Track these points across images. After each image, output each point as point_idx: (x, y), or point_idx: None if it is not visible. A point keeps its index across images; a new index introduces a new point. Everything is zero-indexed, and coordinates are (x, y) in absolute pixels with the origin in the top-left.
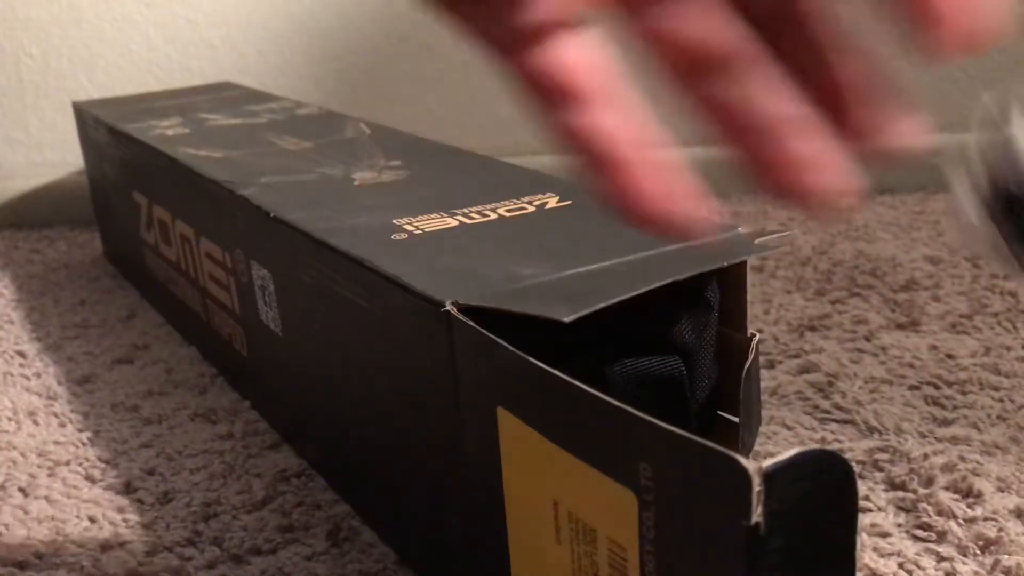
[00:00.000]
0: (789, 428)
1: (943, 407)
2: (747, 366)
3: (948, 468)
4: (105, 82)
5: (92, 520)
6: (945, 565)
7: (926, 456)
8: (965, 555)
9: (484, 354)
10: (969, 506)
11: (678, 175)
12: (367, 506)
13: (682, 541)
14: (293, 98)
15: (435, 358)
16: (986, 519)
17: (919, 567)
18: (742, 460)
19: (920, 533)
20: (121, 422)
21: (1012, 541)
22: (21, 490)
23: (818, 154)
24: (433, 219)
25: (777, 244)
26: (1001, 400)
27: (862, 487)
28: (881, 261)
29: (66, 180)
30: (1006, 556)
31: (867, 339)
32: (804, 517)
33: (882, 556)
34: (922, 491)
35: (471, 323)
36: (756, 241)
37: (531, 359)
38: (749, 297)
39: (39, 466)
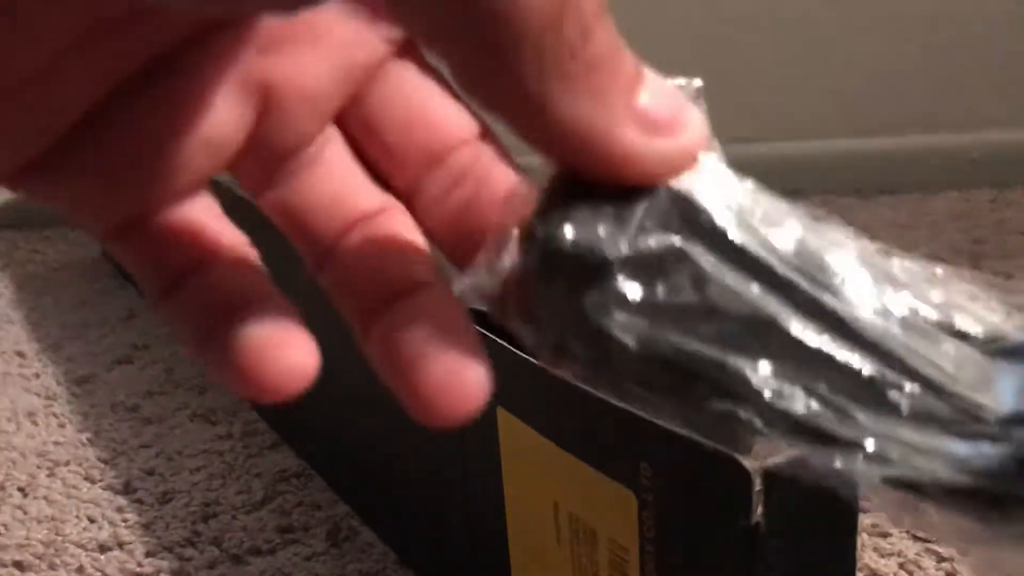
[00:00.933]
0: None
1: None
2: None
3: None
4: None
5: (91, 520)
6: (945, 565)
7: None
8: (965, 554)
9: None
10: None
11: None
12: (367, 506)
13: (683, 541)
14: None
15: None
16: None
17: (919, 567)
18: (743, 460)
19: (921, 533)
20: (121, 422)
21: None
22: (20, 490)
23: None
24: None
25: None
26: None
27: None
28: None
29: None
30: None
31: None
32: (805, 517)
33: (882, 556)
34: None
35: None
36: None
37: (531, 359)
38: None
39: (38, 466)
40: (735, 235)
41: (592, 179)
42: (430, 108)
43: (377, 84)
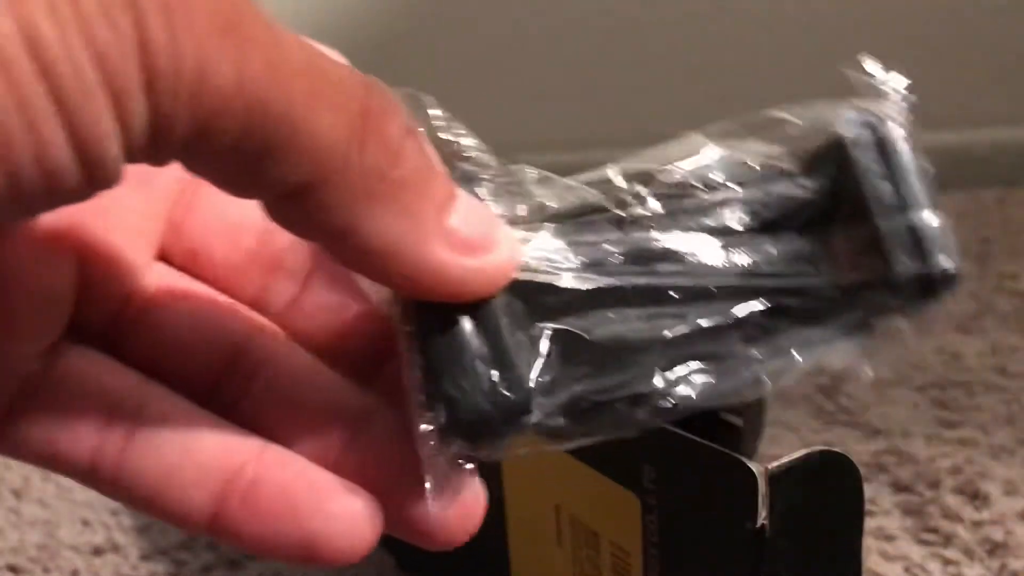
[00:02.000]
0: (794, 430)
1: (949, 409)
2: None
3: (955, 471)
4: None
5: (85, 523)
6: (951, 569)
7: (932, 458)
8: (972, 559)
9: None
10: (976, 509)
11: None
12: None
13: (686, 544)
14: None
15: None
16: (993, 522)
17: (925, 571)
18: (748, 462)
19: (926, 536)
20: None
21: (1019, 544)
22: (14, 492)
23: None
24: None
25: None
26: (1008, 402)
27: (868, 490)
28: None
29: None
30: (1013, 559)
31: None
32: (810, 519)
33: (888, 560)
34: (928, 494)
35: None
36: None
37: None
38: None
39: (32, 469)
40: (577, 284)
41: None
42: (251, 216)
43: (191, 209)
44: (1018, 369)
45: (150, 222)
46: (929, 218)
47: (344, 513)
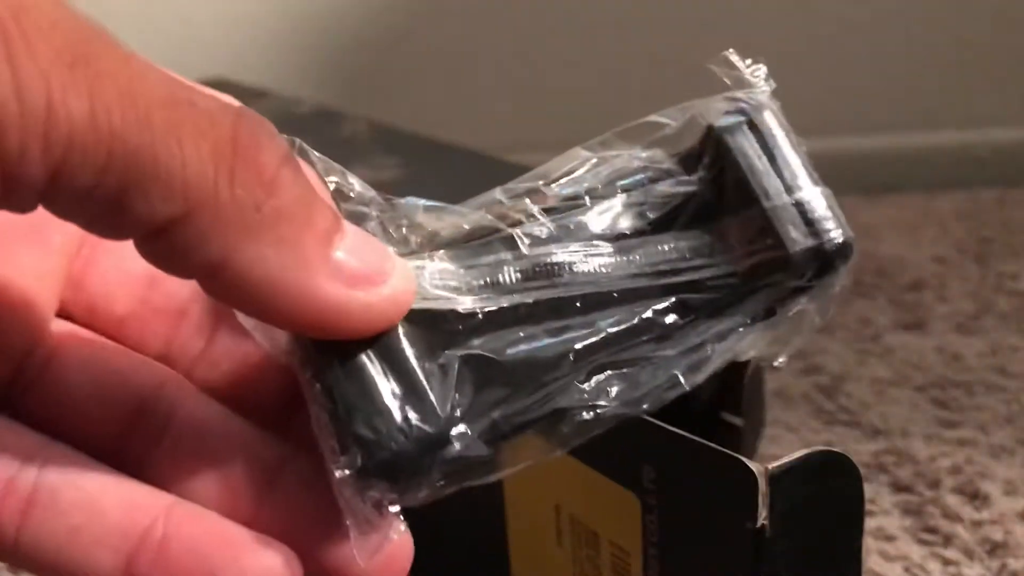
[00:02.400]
0: (793, 430)
1: (949, 409)
2: (750, 367)
3: (954, 470)
4: None
5: None
6: (951, 569)
7: (932, 458)
8: (972, 558)
9: None
10: (976, 509)
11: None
12: None
13: (686, 544)
14: (289, 95)
15: None
16: (993, 522)
17: (925, 571)
18: (748, 462)
19: (926, 536)
20: None
21: (1019, 544)
22: None
23: None
24: None
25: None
26: (1008, 402)
27: (868, 490)
28: (887, 261)
29: None
30: (1013, 559)
31: (873, 340)
32: (810, 519)
33: (888, 560)
34: (928, 494)
35: None
36: None
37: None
38: None
39: None
40: (479, 306)
41: (326, 337)
42: (152, 267)
43: (90, 263)
44: (1018, 369)
45: (47, 278)
46: (813, 193)
47: (259, 568)
